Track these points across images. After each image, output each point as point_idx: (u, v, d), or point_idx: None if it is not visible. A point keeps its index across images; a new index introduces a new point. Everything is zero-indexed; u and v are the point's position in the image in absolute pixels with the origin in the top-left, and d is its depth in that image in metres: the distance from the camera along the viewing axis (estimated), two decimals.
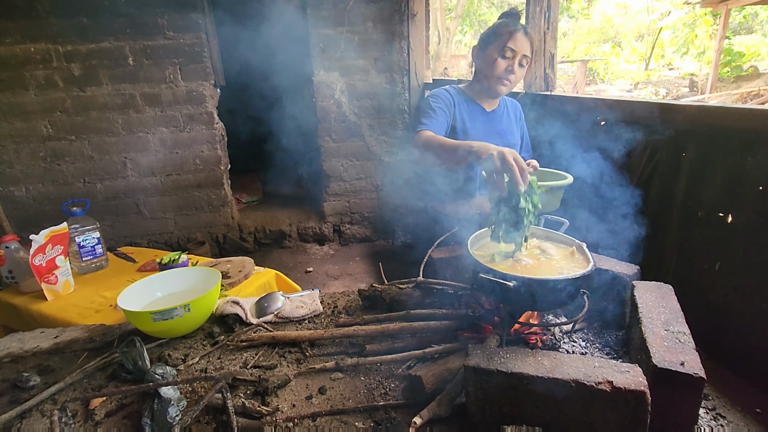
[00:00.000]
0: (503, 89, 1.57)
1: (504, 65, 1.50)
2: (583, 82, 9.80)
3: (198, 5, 2.91)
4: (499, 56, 1.49)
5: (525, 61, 1.52)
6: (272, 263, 3.31)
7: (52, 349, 1.14)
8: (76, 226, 1.90)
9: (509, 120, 1.72)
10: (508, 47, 1.48)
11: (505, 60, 1.50)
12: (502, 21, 1.53)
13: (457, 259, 1.26)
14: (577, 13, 14.50)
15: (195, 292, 1.25)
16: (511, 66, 1.50)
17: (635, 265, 1.09)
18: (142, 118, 3.06)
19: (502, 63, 1.50)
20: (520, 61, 1.51)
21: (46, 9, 2.75)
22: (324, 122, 3.35)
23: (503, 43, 1.48)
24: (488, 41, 1.53)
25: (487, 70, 1.54)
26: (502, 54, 1.49)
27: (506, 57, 1.49)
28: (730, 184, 1.19)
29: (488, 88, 1.58)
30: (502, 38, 1.48)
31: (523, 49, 1.49)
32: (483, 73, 1.58)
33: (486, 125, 1.63)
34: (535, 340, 1.00)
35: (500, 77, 1.52)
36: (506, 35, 1.47)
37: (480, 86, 1.62)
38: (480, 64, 1.59)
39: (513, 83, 1.56)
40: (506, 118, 1.71)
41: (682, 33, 11.89)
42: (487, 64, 1.54)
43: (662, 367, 0.73)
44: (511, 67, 1.50)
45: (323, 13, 3.09)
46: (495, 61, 1.50)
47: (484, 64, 1.56)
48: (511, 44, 1.47)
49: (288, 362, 1.02)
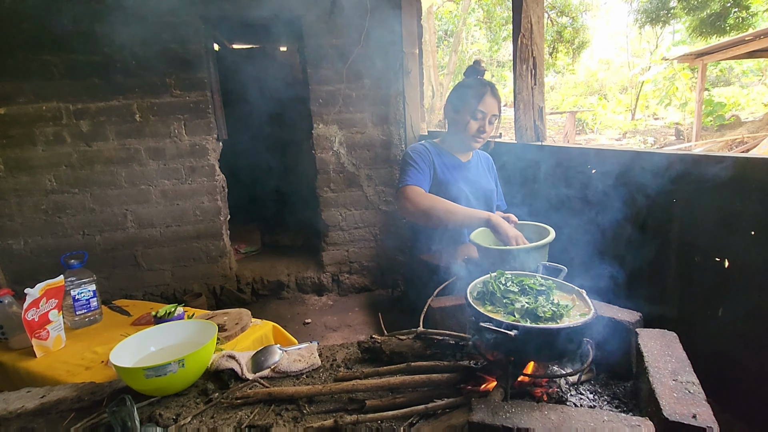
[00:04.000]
0: (477, 145, 1.69)
1: (476, 126, 1.63)
2: (573, 132, 10.17)
3: (204, 66, 3.09)
4: (472, 119, 1.62)
5: (494, 119, 1.65)
6: (270, 315, 3.24)
7: (38, 410, 1.09)
8: (72, 278, 1.88)
9: (483, 170, 1.83)
10: (479, 110, 1.60)
11: (477, 121, 1.62)
12: (469, 83, 1.65)
13: (457, 308, 1.24)
14: (563, 69, 15.36)
15: (190, 346, 1.21)
16: (483, 126, 1.63)
17: (637, 313, 1.08)
18: (145, 171, 3.14)
19: (474, 124, 1.62)
20: (489, 119, 1.63)
21: (60, 71, 2.91)
22: (323, 173, 3.43)
23: (474, 106, 1.60)
24: (459, 104, 1.65)
25: (461, 129, 1.66)
26: (474, 116, 1.61)
27: (477, 118, 1.62)
28: (723, 229, 1.20)
29: (463, 143, 1.70)
30: (471, 102, 1.61)
31: (491, 109, 1.62)
32: (457, 132, 1.69)
33: (463, 174, 1.72)
34: (540, 393, 0.97)
35: (474, 136, 1.65)
36: (475, 99, 1.60)
37: (454, 140, 1.74)
38: (453, 124, 1.70)
39: (485, 139, 1.68)
40: (480, 168, 1.82)
41: (664, 86, 12.54)
42: (459, 125, 1.66)
43: (674, 420, 0.71)
44: (482, 126, 1.63)
45: (322, 71, 3.27)
46: (467, 123, 1.62)
47: (456, 124, 1.67)
48: (481, 107, 1.60)
49: (284, 420, 0.97)
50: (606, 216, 1.58)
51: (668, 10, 12.30)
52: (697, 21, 11.32)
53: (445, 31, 14.62)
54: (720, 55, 8.62)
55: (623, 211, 1.54)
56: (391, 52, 3.31)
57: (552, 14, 12.08)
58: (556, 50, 12.78)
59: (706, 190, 1.26)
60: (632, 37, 18.48)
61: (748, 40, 7.57)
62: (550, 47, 12.50)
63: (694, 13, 11.36)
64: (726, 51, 8.29)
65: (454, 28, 13.74)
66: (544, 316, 0.89)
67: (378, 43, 3.27)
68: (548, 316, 0.89)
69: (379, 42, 3.27)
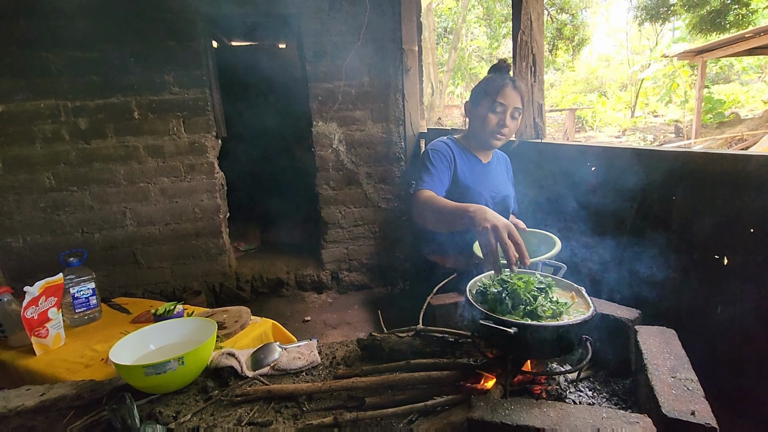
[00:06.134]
0: (497, 143, 1.60)
1: (495, 120, 1.54)
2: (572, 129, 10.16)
3: (203, 63, 3.07)
4: (490, 111, 1.53)
5: (517, 113, 1.55)
6: (269, 312, 3.24)
7: (37, 408, 1.09)
8: (71, 276, 1.88)
9: (502, 172, 1.76)
10: (498, 102, 1.51)
11: (496, 115, 1.53)
12: (491, 76, 1.58)
13: (456, 305, 1.24)
14: (563, 66, 15.34)
15: (190, 344, 1.21)
16: (503, 120, 1.54)
17: (636, 310, 1.08)
18: (144, 169, 3.13)
19: (494, 118, 1.54)
20: (511, 113, 1.54)
21: (58, 68, 2.89)
22: (322, 170, 3.42)
23: (493, 98, 1.52)
24: (479, 97, 1.58)
25: (480, 125, 1.57)
26: (493, 109, 1.53)
27: (497, 112, 1.53)
28: (721, 227, 1.20)
29: (483, 140, 1.61)
30: (491, 94, 1.53)
31: (513, 102, 1.52)
32: (477, 128, 1.61)
33: (483, 176, 1.65)
34: (540, 391, 0.97)
35: (493, 131, 1.56)
36: (495, 90, 1.52)
37: (475, 139, 1.66)
38: (473, 119, 1.62)
39: (507, 136, 1.59)
40: (499, 170, 1.75)
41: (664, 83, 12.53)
42: (479, 120, 1.57)
43: (672, 417, 0.71)
44: (503, 121, 1.54)
45: (321, 68, 3.25)
46: (486, 117, 1.54)
47: (477, 120, 1.59)
48: (501, 99, 1.51)
49: (284, 418, 0.98)
50: (605, 213, 1.58)
51: (668, 7, 12.27)
52: (697, 18, 11.30)
53: (444, 28, 14.58)
54: (720, 53, 8.61)
55: (622, 208, 1.54)
56: (391, 49, 3.30)
57: (552, 11, 12.05)
58: (556, 47, 12.76)
59: (706, 188, 1.26)
60: (632, 34, 18.46)
61: (747, 38, 7.56)
62: (550, 44, 12.48)
63: (694, 10, 11.34)
64: (726, 48, 8.28)
65: (454, 25, 13.71)
66: (544, 315, 0.89)
67: (377, 40, 3.26)
68: (548, 315, 0.89)
69: (378, 39, 3.26)
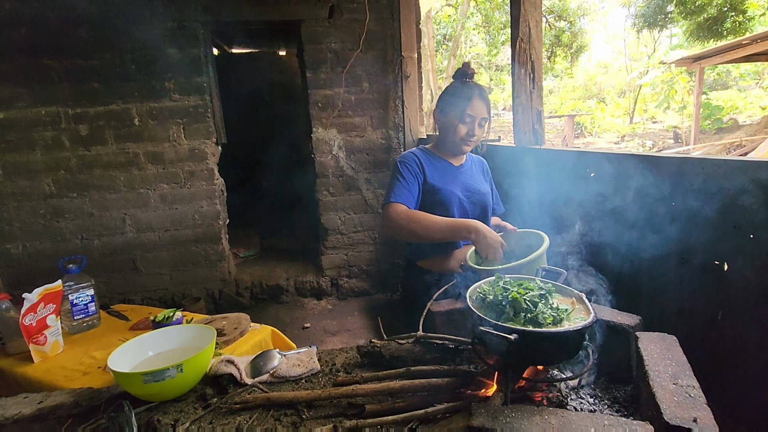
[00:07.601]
0: (467, 148, 1.66)
1: (465, 129, 1.60)
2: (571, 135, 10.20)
3: (203, 70, 3.09)
4: (460, 122, 1.59)
5: (484, 122, 1.62)
6: (269, 319, 3.23)
7: (35, 416, 1.08)
8: (70, 283, 1.88)
9: (477, 173, 1.80)
10: (467, 114, 1.58)
11: (465, 125, 1.59)
12: (458, 87, 1.62)
13: (456, 312, 1.24)
14: (562, 73, 15.43)
15: (188, 351, 1.21)
16: (472, 129, 1.60)
17: (637, 316, 1.08)
18: (144, 175, 3.13)
19: (463, 128, 1.60)
20: (479, 123, 1.60)
21: (59, 75, 2.91)
22: (322, 176, 3.43)
23: (462, 110, 1.58)
24: (448, 108, 1.63)
25: (450, 133, 1.64)
26: (462, 120, 1.58)
27: (466, 122, 1.59)
28: (722, 232, 1.20)
29: (454, 146, 1.67)
30: (459, 105, 1.58)
31: (480, 112, 1.59)
32: (446, 135, 1.67)
33: (454, 177, 1.70)
34: (541, 397, 0.96)
35: (463, 139, 1.62)
36: (464, 102, 1.58)
37: (445, 145, 1.71)
38: (442, 127, 1.68)
39: (475, 142, 1.66)
40: (474, 171, 1.80)
41: (662, 89, 12.60)
42: (449, 129, 1.63)
43: (674, 424, 0.70)
44: (472, 130, 1.60)
45: (321, 75, 3.27)
46: (456, 127, 1.60)
47: (446, 128, 1.65)
48: (469, 111, 1.57)
49: (284, 426, 0.97)
50: (604, 219, 1.59)
51: (666, 15, 12.38)
52: (695, 25, 11.39)
53: (443, 35, 14.69)
54: (717, 59, 8.67)
55: (622, 214, 1.54)
56: (390, 57, 3.32)
57: (550, 18, 12.15)
58: (555, 54, 12.84)
59: (705, 194, 1.26)
60: (630, 41, 18.59)
61: (745, 44, 7.62)
62: (549, 51, 12.57)
63: (692, 18, 11.43)
64: (723, 55, 8.34)
65: (453, 32, 13.81)
66: (545, 322, 0.88)
67: (377, 47, 3.28)
68: (549, 321, 0.88)
69: (378, 46, 3.28)
